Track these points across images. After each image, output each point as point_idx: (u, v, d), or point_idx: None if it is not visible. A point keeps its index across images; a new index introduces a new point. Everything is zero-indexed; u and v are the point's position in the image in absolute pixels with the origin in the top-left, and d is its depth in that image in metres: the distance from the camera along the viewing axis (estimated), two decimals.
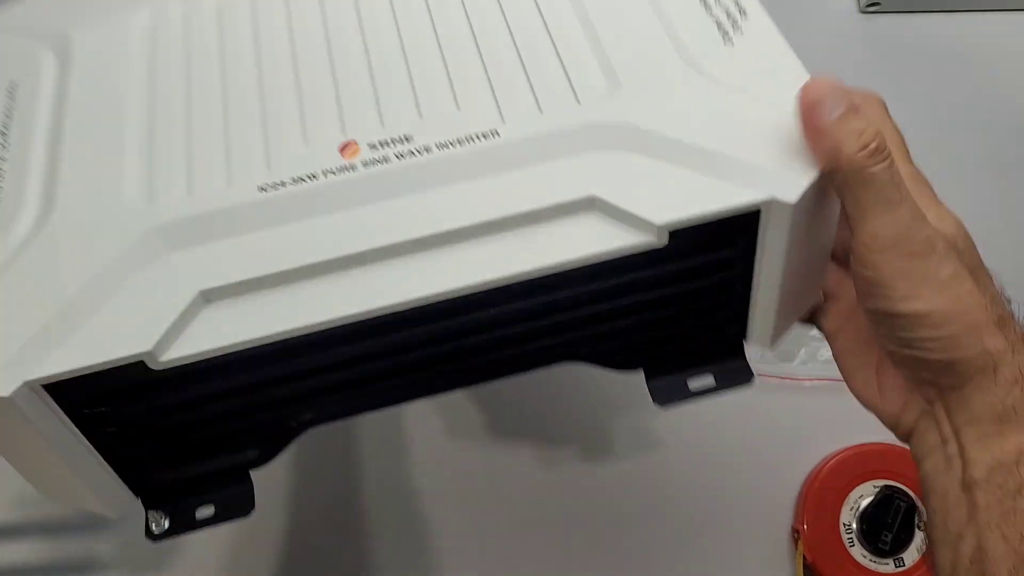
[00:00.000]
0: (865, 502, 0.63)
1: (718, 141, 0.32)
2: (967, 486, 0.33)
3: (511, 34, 0.36)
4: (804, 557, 0.62)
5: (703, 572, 0.64)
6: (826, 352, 0.69)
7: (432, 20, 0.37)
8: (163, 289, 0.30)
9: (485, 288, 0.30)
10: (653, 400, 0.39)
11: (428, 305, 0.30)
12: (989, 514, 0.32)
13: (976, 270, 0.34)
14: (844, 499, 0.63)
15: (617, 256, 0.31)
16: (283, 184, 0.32)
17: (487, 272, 0.30)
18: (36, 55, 0.38)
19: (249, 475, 0.36)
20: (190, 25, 0.38)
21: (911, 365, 0.35)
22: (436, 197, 0.31)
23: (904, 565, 0.62)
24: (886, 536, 0.62)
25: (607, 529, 0.64)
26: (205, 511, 0.35)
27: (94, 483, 0.33)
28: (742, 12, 0.37)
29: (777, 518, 0.65)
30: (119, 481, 0.34)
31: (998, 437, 0.32)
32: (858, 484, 0.63)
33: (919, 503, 0.63)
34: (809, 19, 0.76)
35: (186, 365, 0.29)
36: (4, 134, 0.35)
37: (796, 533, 0.63)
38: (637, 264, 0.32)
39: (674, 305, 0.36)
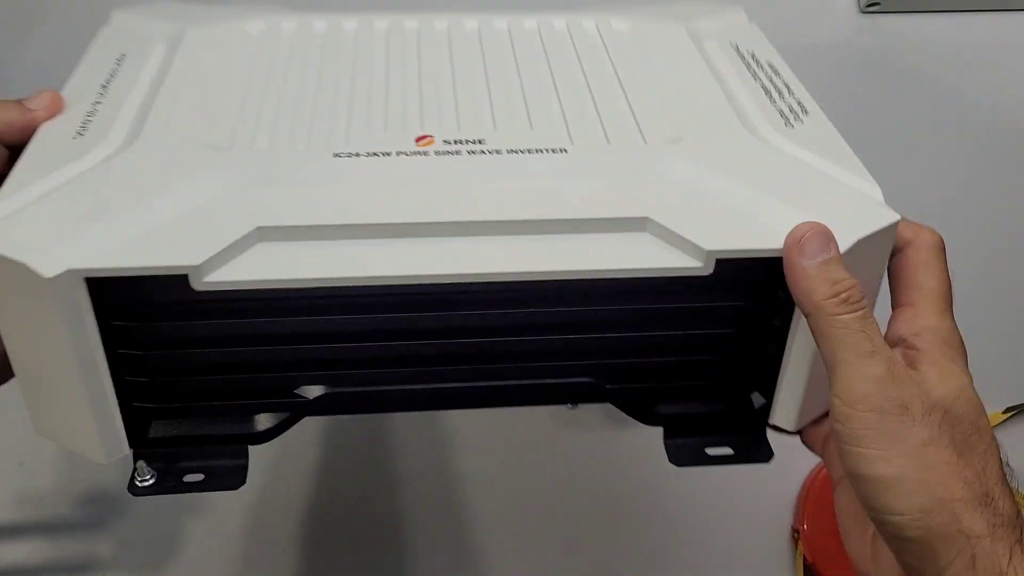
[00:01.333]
0: None
1: (772, 190, 0.33)
2: None
3: (590, 89, 0.39)
4: (804, 557, 0.62)
5: (703, 572, 0.64)
6: None
7: (518, 68, 0.41)
8: (224, 218, 0.30)
9: (525, 279, 0.31)
10: (669, 459, 0.39)
11: (468, 285, 0.31)
12: None
13: (969, 438, 0.32)
14: None
15: (662, 275, 0.32)
16: (357, 155, 0.33)
17: (532, 264, 0.31)
18: (150, 38, 0.42)
19: (247, 451, 0.35)
20: (298, 32, 0.42)
21: (892, 543, 0.33)
22: (498, 188, 0.33)
23: None
24: None
25: (607, 529, 0.64)
26: (194, 476, 0.35)
27: (94, 416, 0.33)
28: (803, 110, 0.40)
29: (777, 518, 0.65)
30: (118, 421, 0.34)
31: None
32: None
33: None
34: (810, 18, 0.76)
35: (223, 297, 0.30)
36: (104, 88, 0.38)
37: (796, 533, 0.63)
38: (678, 289, 0.33)
39: (707, 350, 0.36)
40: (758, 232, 0.32)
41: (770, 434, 0.69)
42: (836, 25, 0.77)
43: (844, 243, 0.32)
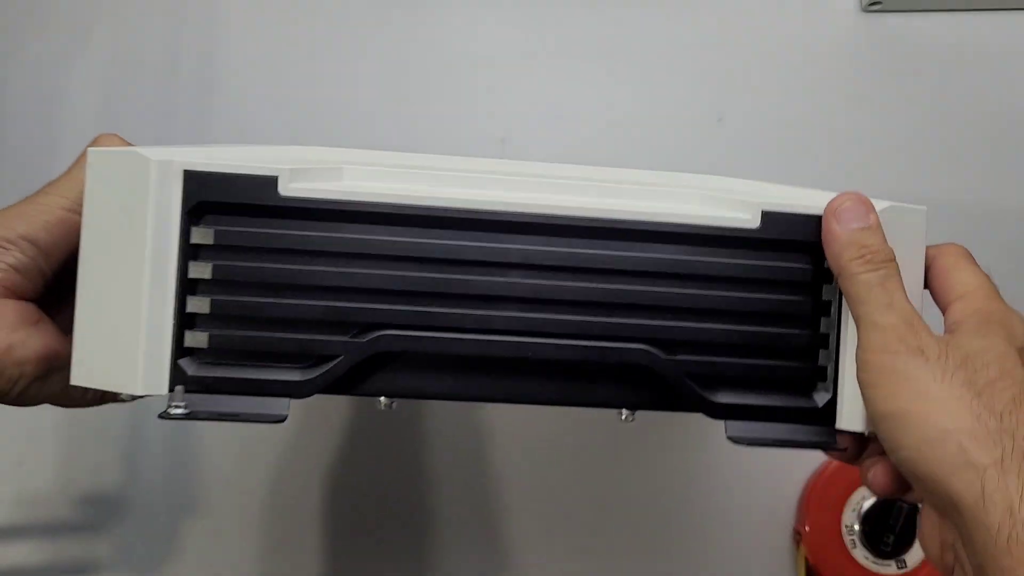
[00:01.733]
0: (867, 503, 0.63)
1: (814, 189, 0.38)
2: None
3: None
4: (806, 559, 0.62)
5: (703, 573, 0.64)
6: None
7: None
8: (319, 158, 0.37)
9: (579, 214, 0.36)
10: (727, 436, 0.37)
11: (533, 215, 0.35)
12: None
13: (995, 383, 0.32)
14: (846, 500, 0.63)
15: (712, 223, 0.36)
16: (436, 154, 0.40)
17: (586, 203, 0.36)
18: None
19: (287, 402, 0.36)
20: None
21: (919, 488, 0.34)
22: (559, 167, 0.39)
23: (906, 567, 0.62)
24: (888, 538, 0.62)
25: (608, 530, 0.64)
26: (228, 415, 0.36)
27: (147, 337, 0.34)
28: None
29: (778, 520, 0.64)
30: (167, 347, 0.35)
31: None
32: (860, 485, 0.63)
33: (921, 504, 0.63)
34: (811, 18, 0.76)
35: (305, 206, 0.35)
36: None
37: (798, 535, 0.63)
38: (728, 244, 0.36)
39: (761, 318, 0.37)
40: (802, 198, 0.37)
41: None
42: (838, 24, 0.77)
43: (877, 207, 0.36)
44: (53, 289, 0.37)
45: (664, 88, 0.72)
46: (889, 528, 0.62)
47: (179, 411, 0.35)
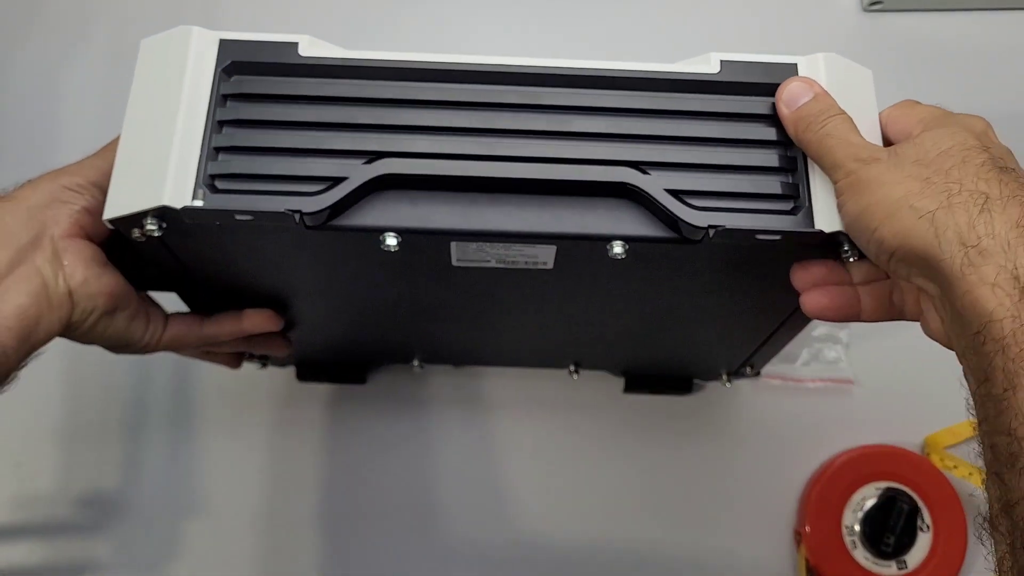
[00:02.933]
0: (868, 504, 0.63)
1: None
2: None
3: None
4: (807, 560, 0.62)
5: (703, 574, 0.64)
6: (829, 353, 0.69)
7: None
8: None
9: (567, 64, 0.41)
10: (712, 237, 0.39)
11: (519, 67, 0.41)
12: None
13: (943, 156, 0.35)
14: (847, 501, 0.63)
15: (680, 71, 0.41)
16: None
17: (571, 61, 0.41)
18: None
19: (299, 216, 0.39)
20: None
21: (899, 269, 0.36)
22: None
23: (907, 568, 0.62)
24: (889, 538, 0.62)
25: (608, 530, 0.64)
26: (244, 217, 0.39)
27: (175, 165, 0.39)
28: None
29: (779, 521, 0.64)
30: (193, 173, 0.39)
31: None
32: (861, 486, 0.63)
33: (921, 505, 0.63)
34: (813, 17, 0.76)
35: (321, 63, 0.41)
36: None
37: (798, 536, 0.63)
38: (696, 89, 0.41)
39: (733, 144, 0.41)
40: (759, 57, 0.42)
41: (769, 437, 0.68)
42: (839, 23, 0.77)
43: (818, 58, 0.41)
44: (114, 242, 0.42)
45: None
46: (889, 529, 0.62)
47: (199, 203, 0.38)
